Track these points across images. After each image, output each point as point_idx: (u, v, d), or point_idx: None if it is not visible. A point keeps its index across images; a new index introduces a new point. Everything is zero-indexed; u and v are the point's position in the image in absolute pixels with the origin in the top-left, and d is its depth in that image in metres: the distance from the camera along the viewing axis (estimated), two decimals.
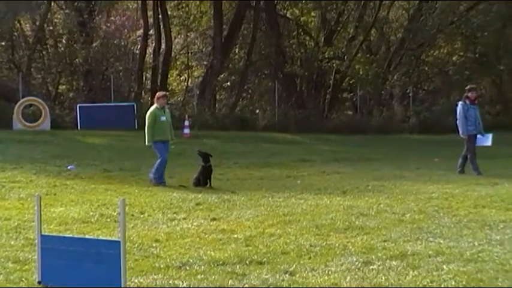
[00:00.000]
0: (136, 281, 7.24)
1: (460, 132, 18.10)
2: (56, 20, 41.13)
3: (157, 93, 16.63)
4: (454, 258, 8.12)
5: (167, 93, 19.16)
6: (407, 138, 34.21)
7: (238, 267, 7.79)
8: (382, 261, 7.99)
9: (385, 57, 44.07)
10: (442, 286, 6.98)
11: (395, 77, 42.59)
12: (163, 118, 15.69)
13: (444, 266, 7.74)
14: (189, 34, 46.20)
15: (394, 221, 10.72)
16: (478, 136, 18.31)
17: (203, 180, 15.33)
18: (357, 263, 7.93)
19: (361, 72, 42.04)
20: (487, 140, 18.25)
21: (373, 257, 8.22)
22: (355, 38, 43.13)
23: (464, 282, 7.07)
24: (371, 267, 7.76)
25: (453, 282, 7.08)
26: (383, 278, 7.30)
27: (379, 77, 41.44)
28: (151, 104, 17.53)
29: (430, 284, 7.05)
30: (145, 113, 16.11)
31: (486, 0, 42.79)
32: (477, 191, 14.34)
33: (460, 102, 18.32)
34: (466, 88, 18.75)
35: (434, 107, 39.85)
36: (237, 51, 44.87)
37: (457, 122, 18.20)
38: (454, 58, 47.26)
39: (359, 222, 10.54)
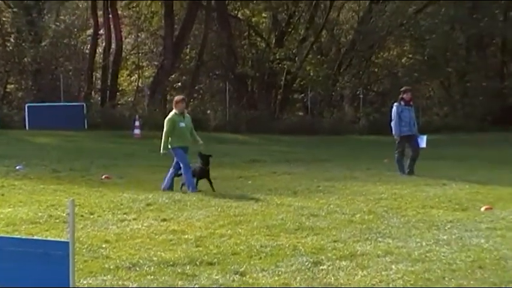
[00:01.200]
0: (85, 282, 7.19)
1: (394, 133, 18.31)
2: (4, 19, 40.53)
3: (176, 98, 15.62)
4: (402, 258, 8.20)
5: (185, 97, 17.47)
6: (358, 139, 34.47)
7: (188, 267, 7.77)
8: (332, 262, 8.04)
9: (336, 58, 44.36)
10: (391, 286, 7.05)
11: (345, 79, 42.90)
12: (183, 124, 14.92)
13: (393, 266, 7.82)
14: (139, 34, 46.00)
15: (344, 221, 10.79)
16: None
17: (196, 182, 14.81)
18: (307, 263, 7.96)
19: (311, 74, 42.32)
20: (422, 142, 18.46)
21: (323, 257, 8.27)
22: (306, 39, 43.35)
23: (412, 282, 7.15)
24: (321, 267, 7.80)
25: (401, 282, 7.15)
26: (332, 278, 7.35)
27: (329, 78, 41.72)
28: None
29: (378, 284, 7.12)
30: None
31: (435, 0, 43.41)
32: (425, 192, 14.51)
33: (395, 104, 18.53)
34: (401, 90, 18.97)
35: (383, 109, 40.22)
36: (188, 52, 44.80)
37: (392, 123, 18.40)
38: (403, 60, 47.80)
39: (309, 223, 10.58)
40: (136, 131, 30.42)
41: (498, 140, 33.26)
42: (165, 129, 14.97)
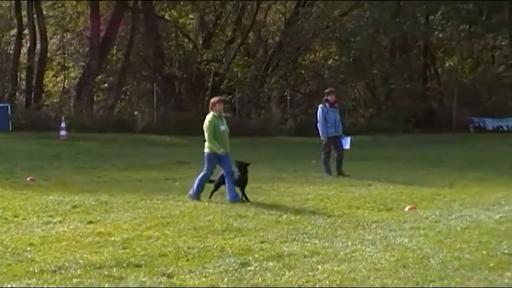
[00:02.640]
0: (9, 286, 7.07)
1: (320, 134, 18.54)
2: None
3: (213, 99, 14.35)
4: (328, 258, 8.30)
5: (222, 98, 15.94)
6: (285, 140, 34.66)
7: (115, 270, 7.71)
8: (259, 262, 8.09)
9: (263, 60, 44.55)
10: (317, 286, 7.12)
11: (273, 80, 43.10)
12: (223, 128, 13.97)
13: (319, 266, 7.90)
14: (65, 34, 45.41)
15: (271, 222, 10.85)
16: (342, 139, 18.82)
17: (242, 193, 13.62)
18: (234, 264, 7.99)
19: (239, 75, 42.45)
20: (346, 143, 18.73)
21: (250, 258, 8.30)
22: (233, 41, 43.42)
23: (338, 282, 7.24)
24: (248, 268, 7.83)
25: (327, 282, 7.23)
26: (260, 279, 7.39)
27: (257, 79, 41.89)
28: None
29: (305, 284, 7.18)
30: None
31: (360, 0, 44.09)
32: (351, 193, 14.71)
33: (320, 105, 18.77)
34: (326, 91, 19.23)
35: (310, 110, 40.54)
36: (114, 53, 44.40)
37: (318, 124, 18.62)
38: (329, 62, 48.34)
39: (237, 224, 10.62)
40: (62, 133, 30.02)
41: (421, 142, 33.98)
42: (207, 133, 13.79)
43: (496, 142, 34.60)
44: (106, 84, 44.35)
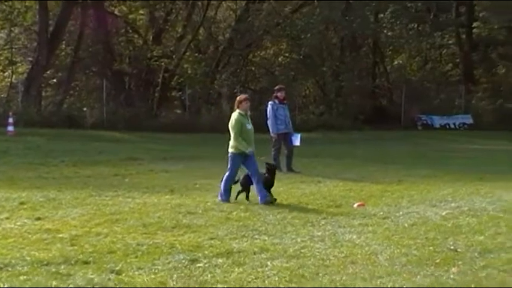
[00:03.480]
0: None
1: (271, 131, 18.63)
2: None
3: (239, 97, 13.86)
4: (277, 255, 8.34)
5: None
6: None
7: (63, 267, 7.65)
8: (208, 259, 8.09)
9: (214, 56, 44.43)
10: (266, 282, 7.15)
11: (223, 77, 43.07)
12: (250, 126, 13.54)
13: (268, 263, 7.93)
14: (13, 29, 44.68)
15: (221, 219, 10.87)
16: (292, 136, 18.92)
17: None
18: (183, 261, 7.98)
19: (189, 71, 42.30)
20: (296, 140, 18.85)
21: (200, 254, 8.31)
22: (184, 37, 43.21)
23: (287, 278, 7.27)
24: (197, 265, 7.84)
25: (276, 278, 7.27)
26: (209, 275, 7.40)
27: (207, 76, 41.78)
28: None
29: (254, 281, 7.21)
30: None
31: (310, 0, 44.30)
32: (301, 189, 14.80)
33: (270, 102, 18.88)
34: (275, 88, 19.32)
35: (261, 107, 40.57)
36: (64, 48, 43.84)
37: (268, 121, 18.72)
38: (280, 59, 48.48)
39: (186, 221, 10.61)
40: (10, 128, 29.57)
41: (370, 139, 34.29)
42: (234, 131, 13.32)
43: (443, 139, 35.13)
44: (55, 80, 43.83)
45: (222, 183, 13.25)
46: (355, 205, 12.42)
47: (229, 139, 13.49)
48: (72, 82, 43.25)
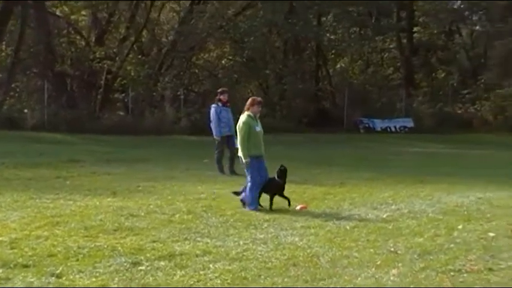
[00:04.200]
0: None
1: (214, 133, 18.68)
2: None
3: (251, 99, 13.55)
4: (220, 258, 8.34)
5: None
6: (179, 139, 34.54)
7: (1, 271, 7.54)
8: (150, 262, 8.06)
9: (157, 58, 44.24)
10: (208, 285, 7.15)
11: (166, 79, 42.86)
12: (259, 128, 13.15)
13: (211, 265, 7.93)
14: None
15: (163, 221, 10.83)
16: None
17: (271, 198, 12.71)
18: (125, 264, 7.94)
19: (132, 73, 42.07)
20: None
21: (142, 257, 8.27)
22: (127, 39, 42.96)
23: (229, 281, 7.28)
24: (139, 267, 7.80)
25: (219, 281, 7.27)
26: (151, 278, 7.37)
27: (150, 78, 41.59)
28: None
29: (196, 283, 7.20)
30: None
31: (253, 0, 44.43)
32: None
33: (213, 105, 18.92)
34: (218, 91, 19.34)
35: (204, 109, 40.53)
36: (4, 48, 43.18)
37: (211, 123, 18.76)
38: (223, 61, 48.48)
39: (128, 223, 10.54)
40: None
41: (313, 141, 34.53)
42: (240, 135, 12.90)
43: (384, 142, 35.54)
44: None
45: (248, 193, 12.61)
46: (298, 207, 12.48)
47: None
48: (12, 83, 42.52)
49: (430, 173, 19.74)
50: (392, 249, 8.88)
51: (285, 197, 12.73)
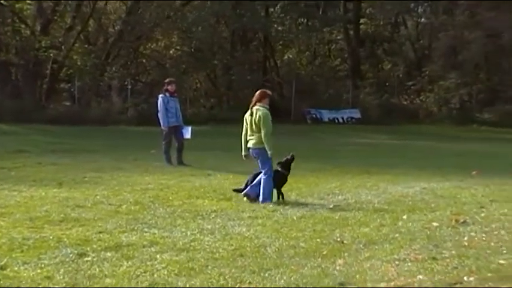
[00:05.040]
0: None
1: (162, 124, 18.61)
2: None
3: (262, 92, 13.04)
4: (167, 248, 8.33)
5: None
6: (126, 129, 34.33)
7: None
8: (97, 253, 8.01)
9: (104, 48, 43.84)
10: (155, 276, 7.13)
11: (113, 69, 42.57)
12: None
13: (158, 256, 7.92)
14: None
15: (110, 212, 10.77)
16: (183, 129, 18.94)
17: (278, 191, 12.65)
18: (71, 255, 7.87)
19: (79, 63, 41.62)
20: (186, 133, 18.91)
21: (88, 248, 8.21)
22: (73, 28, 42.44)
23: (176, 271, 7.27)
24: (85, 259, 7.74)
25: (166, 272, 7.25)
26: (97, 269, 7.32)
27: (97, 68, 41.21)
28: None
29: (143, 274, 7.17)
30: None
31: None
32: (191, 182, 14.82)
33: (161, 95, 18.83)
34: (165, 81, 19.25)
35: (151, 99, 40.30)
36: None
37: (159, 114, 18.69)
38: (171, 51, 48.28)
39: (75, 214, 10.46)
40: None
41: None
42: (266, 128, 12.49)
43: (332, 133, 35.81)
44: None
45: (264, 186, 12.30)
46: (245, 198, 12.51)
47: (251, 134, 12.77)
48: None
49: (376, 163, 19.96)
50: (338, 239, 8.95)
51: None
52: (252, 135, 12.60)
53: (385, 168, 18.51)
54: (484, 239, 8.98)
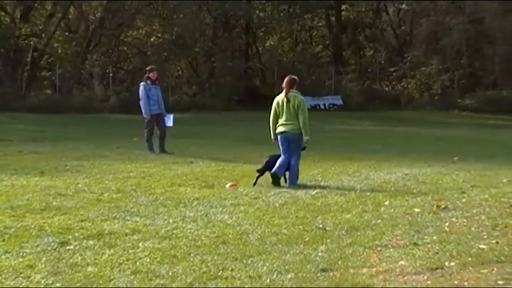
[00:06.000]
0: None
1: (143, 112, 18.53)
2: None
3: (291, 79, 13.69)
4: (149, 236, 8.32)
5: None
6: (108, 117, 34.27)
7: None
8: (79, 241, 7.99)
9: (85, 36, 43.66)
10: (138, 263, 7.12)
11: (95, 56, 42.39)
12: None
13: (140, 244, 7.90)
14: None
15: (92, 200, 10.74)
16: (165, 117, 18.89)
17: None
18: (53, 243, 7.84)
19: (60, 51, 41.42)
20: (169, 121, 18.86)
21: (70, 237, 8.19)
22: (54, 15, 42.24)
23: (158, 259, 7.26)
24: (67, 247, 7.72)
25: (148, 260, 7.24)
26: (79, 257, 7.30)
27: (78, 55, 41.05)
28: None
29: (125, 262, 7.16)
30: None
31: None
32: (173, 170, 14.80)
33: (142, 83, 18.76)
34: (147, 69, 19.17)
35: (133, 87, 40.18)
36: None
37: (140, 102, 18.61)
38: (152, 39, 48.07)
39: (56, 203, 10.42)
40: None
41: (244, 119, 34.60)
42: (306, 115, 13.05)
43: (314, 120, 35.60)
44: None
45: (294, 168, 12.86)
46: (228, 185, 12.53)
47: (289, 119, 13.06)
48: None
49: (358, 150, 20.03)
50: (320, 225, 8.97)
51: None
52: (290, 120, 12.96)
53: (367, 154, 18.57)
54: (465, 224, 9.02)
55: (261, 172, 12.89)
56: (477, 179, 13.62)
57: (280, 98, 13.31)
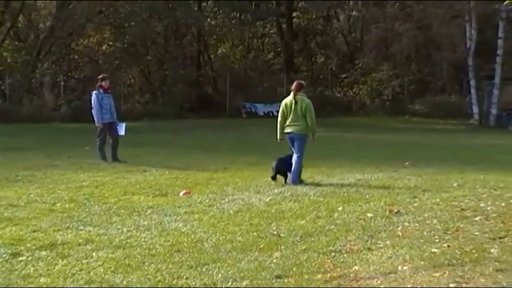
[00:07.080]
0: None
1: (96, 120, 18.41)
2: None
3: (299, 83, 14.79)
4: (103, 246, 8.26)
5: None
6: (59, 126, 33.96)
7: None
8: (31, 252, 7.90)
9: (35, 44, 43.24)
10: (91, 273, 7.06)
11: (45, 65, 42.01)
12: None
13: (94, 254, 7.84)
14: None
15: (44, 210, 10.62)
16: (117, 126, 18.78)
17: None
18: (4, 255, 7.75)
19: (9, 60, 40.95)
20: (121, 130, 18.76)
21: (22, 248, 8.09)
22: (3, 24, 41.78)
23: (112, 269, 7.21)
24: (19, 258, 7.63)
25: (102, 269, 7.19)
26: (32, 269, 7.22)
27: (28, 64, 40.64)
28: None
29: (79, 272, 7.10)
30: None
31: None
32: (127, 179, 14.70)
33: (94, 92, 18.62)
34: (99, 77, 19.03)
35: (85, 96, 39.88)
36: None
37: (93, 110, 18.48)
38: (103, 47, 47.81)
39: (8, 214, 10.29)
40: None
41: (196, 127, 34.57)
42: (313, 115, 14.22)
43: (267, 127, 35.79)
44: None
45: (297, 169, 14.15)
46: (181, 193, 12.49)
47: (296, 120, 14.21)
48: None
49: (311, 156, 20.04)
50: (275, 232, 9.00)
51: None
52: (297, 121, 14.07)
53: (319, 160, 18.64)
54: (417, 228, 9.13)
55: (274, 178, 13.94)
56: (428, 183, 13.79)
57: (288, 100, 14.31)
